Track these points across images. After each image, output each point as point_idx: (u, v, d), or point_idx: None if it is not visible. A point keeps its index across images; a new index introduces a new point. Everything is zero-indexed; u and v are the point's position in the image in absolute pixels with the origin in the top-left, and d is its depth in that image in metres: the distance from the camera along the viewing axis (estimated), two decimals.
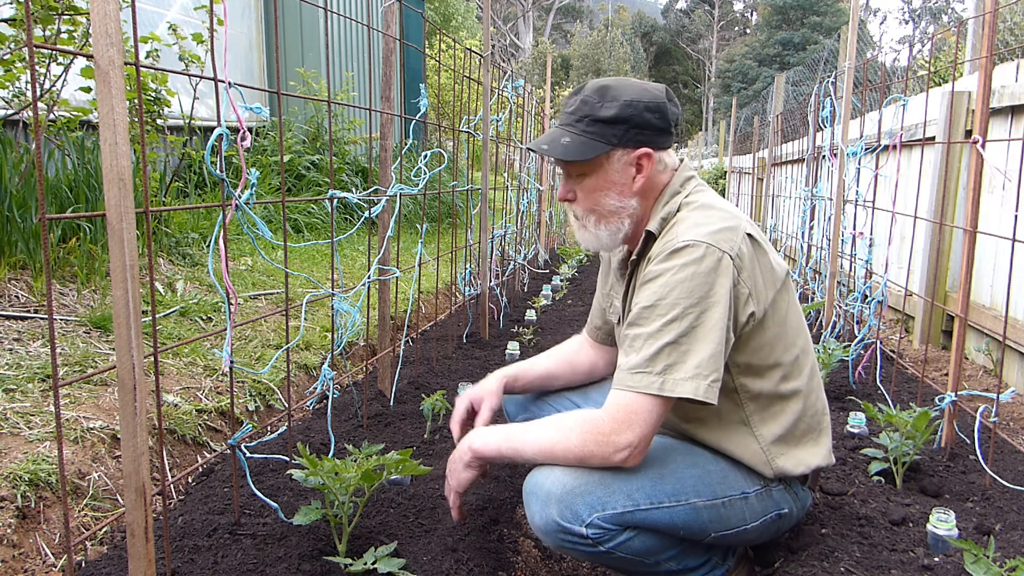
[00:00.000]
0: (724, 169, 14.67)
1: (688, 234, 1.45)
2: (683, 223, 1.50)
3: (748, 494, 1.55)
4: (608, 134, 1.53)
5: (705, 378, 1.39)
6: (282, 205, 1.80)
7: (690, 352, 1.40)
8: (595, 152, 1.53)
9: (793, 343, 1.57)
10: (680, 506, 1.47)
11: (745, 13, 50.71)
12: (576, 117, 1.56)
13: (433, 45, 10.21)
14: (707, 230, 1.45)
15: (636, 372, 1.42)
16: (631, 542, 1.44)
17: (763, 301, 1.51)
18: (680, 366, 1.39)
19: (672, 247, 1.45)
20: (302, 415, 2.70)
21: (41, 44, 1.26)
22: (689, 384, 1.38)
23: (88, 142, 3.63)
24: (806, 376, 1.60)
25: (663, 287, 1.43)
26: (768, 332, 1.53)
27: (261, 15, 7.32)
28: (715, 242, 1.43)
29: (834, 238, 3.67)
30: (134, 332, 1.21)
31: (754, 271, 1.49)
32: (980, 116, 2.18)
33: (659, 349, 1.40)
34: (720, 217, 1.50)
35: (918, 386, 2.86)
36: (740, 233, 1.48)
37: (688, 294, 1.41)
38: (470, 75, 3.75)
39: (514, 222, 5.21)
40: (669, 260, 1.44)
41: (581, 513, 1.40)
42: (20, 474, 1.76)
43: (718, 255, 1.42)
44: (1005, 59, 4.16)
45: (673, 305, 1.41)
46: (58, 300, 3.01)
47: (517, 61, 35.05)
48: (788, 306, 1.58)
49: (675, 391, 1.39)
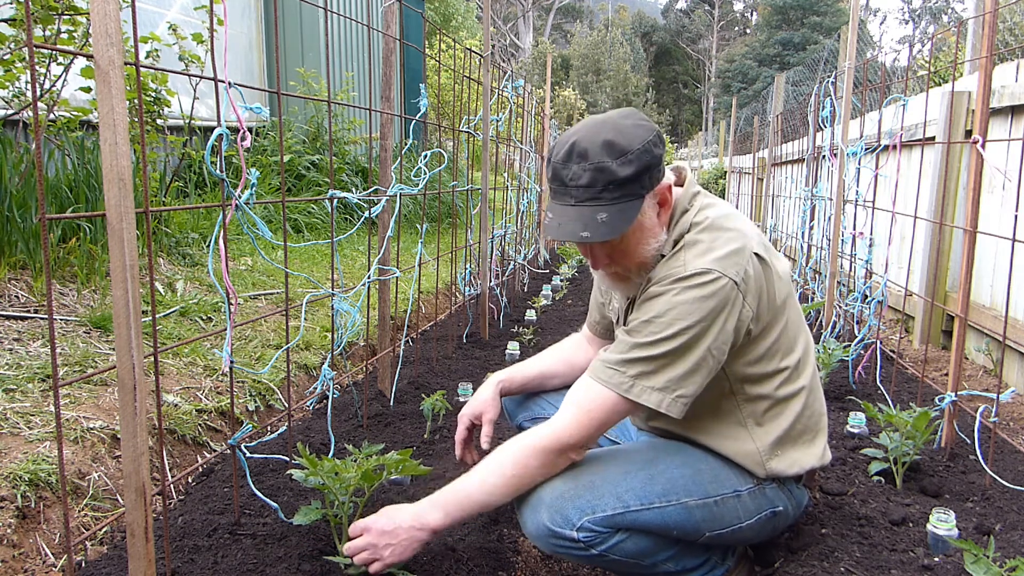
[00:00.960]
0: (724, 169, 14.67)
1: (695, 263, 1.44)
2: (691, 249, 1.48)
3: (741, 492, 1.55)
4: (636, 190, 1.44)
5: (672, 392, 1.42)
6: (282, 205, 1.81)
7: (668, 367, 1.42)
8: (635, 214, 1.44)
9: (792, 348, 1.57)
10: (671, 506, 1.47)
11: (745, 13, 50.71)
12: (599, 188, 1.42)
13: (433, 45, 10.21)
14: (714, 256, 1.44)
15: (610, 367, 1.45)
16: (624, 544, 1.44)
17: (765, 316, 1.51)
18: (653, 376, 1.42)
19: (678, 274, 1.44)
20: (302, 415, 2.70)
21: (41, 44, 1.26)
22: (655, 395, 1.42)
23: (88, 142, 3.63)
24: (806, 378, 1.60)
25: (664, 306, 1.43)
26: (769, 340, 1.53)
27: (261, 15, 7.32)
28: (722, 268, 1.42)
29: (834, 238, 3.67)
30: (134, 332, 1.21)
31: (760, 290, 1.49)
32: (980, 116, 2.18)
33: (641, 357, 1.42)
34: (727, 239, 1.47)
35: (918, 386, 2.86)
36: (747, 255, 1.46)
37: (685, 316, 1.41)
38: (470, 75, 3.75)
39: (514, 222, 5.21)
40: (674, 284, 1.44)
41: (571, 517, 1.41)
42: (20, 474, 1.76)
43: (722, 282, 1.42)
44: (1005, 59, 4.16)
45: (669, 324, 1.42)
46: (58, 300, 3.01)
47: (517, 61, 35.05)
48: (790, 310, 1.58)
49: (640, 397, 1.42)
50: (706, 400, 1.54)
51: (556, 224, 1.45)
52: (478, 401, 1.81)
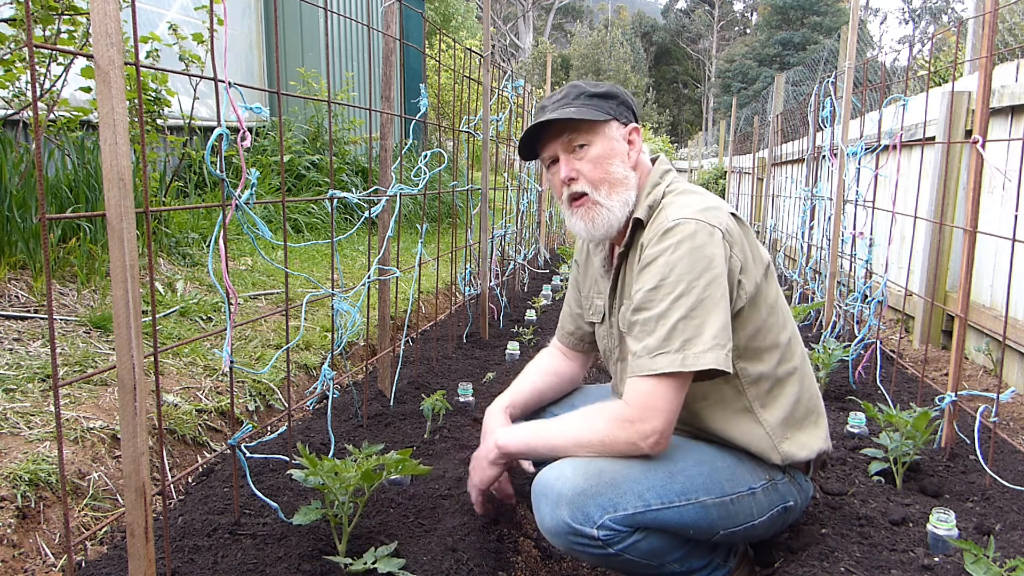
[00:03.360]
0: (724, 169, 14.66)
1: (677, 214, 1.49)
2: (670, 207, 1.54)
3: (755, 489, 1.56)
4: (604, 107, 1.61)
5: (723, 348, 1.41)
6: (282, 205, 1.80)
7: (704, 324, 1.42)
8: (600, 117, 1.58)
9: (784, 325, 1.61)
10: (690, 505, 1.47)
11: (745, 13, 50.70)
12: (572, 96, 1.61)
13: (433, 45, 10.21)
14: (694, 209, 1.50)
15: (656, 354, 1.43)
16: (640, 543, 1.44)
17: (754, 277, 1.54)
18: (697, 339, 1.41)
19: (664, 227, 1.48)
20: (302, 415, 2.70)
21: (41, 44, 1.26)
22: (710, 355, 1.40)
23: (88, 142, 3.63)
24: (799, 358, 1.63)
25: (664, 267, 1.45)
26: (762, 312, 1.55)
27: (261, 15, 7.32)
28: (705, 218, 1.47)
29: (834, 238, 3.67)
30: (134, 332, 1.21)
31: (744, 246, 1.53)
32: (980, 116, 2.18)
33: (673, 326, 1.42)
34: (703, 199, 1.55)
35: (918, 386, 2.86)
36: (725, 212, 1.53)
37: (690, 268, 1.43)
38: (470, 75, 3.75)
39: (514, 222, 5.21)
40: (663, 240, 1.47)
41: (592, 515, 1.40)
42: (20, 474, 1.76)
43: (709, 229, 1.46)
44: (1005, 59, 4.16)
45: (678, 281, 1.43)
46: (58, 300, 3.01)
47: (517, 61, 35.05)
48: (776, 290, 1.62)
49: (697, 364, 1.40)
50: (711, 388, 1.56)
51: (527, 129, 1.62)
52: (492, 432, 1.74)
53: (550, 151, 1.65)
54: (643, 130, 1.69)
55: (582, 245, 1.88)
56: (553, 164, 1.66)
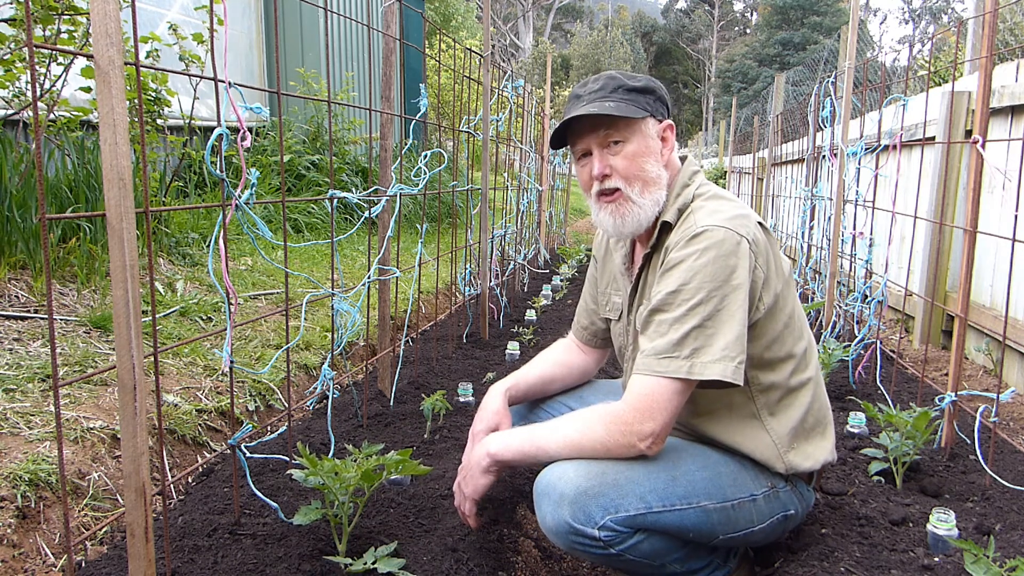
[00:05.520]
0: (724, 169, 14.66)
1: (706, 220, 1.48)
2: (699, 212, 1.53)
3: (756, 496, 1.55)
4: (642, 101, 1.58)
5: (732, 360, 1.40)
6: (282, 205, 1.80)
7: (716, 335, 1.41)
8: (638, 114, 1.55)
9: (801, 335, 1.60)
10: (691, 508, 1.47)
11: (745, 13, 50.70)
12: (609, 89, 1.57)
13: (433, 45, 10.21)
14: (723, 216, 1.48)
15: (663, 357, 1.42)
16: (641, 545, 1.44)
17: (774, 289, 1.53)
18: (707, 349, 1.40)
19: (692, 233, 1.47)
20: (302, 415, 2.70)
21: (41, 44, 1.26)
22: (717, 366, 1.39)
23: (88, 142, 3.63)
24: (812, 369, 1.62)
25: (687, 272, 1.44)
26: (779, 323, 1.54)
27: (261, 15, 7.32)
28: (733, 227, 1.46)
29: (834, 238, 3.67)
30: (134, 332, 1.21)
31: (768, 257, 1.52)
32: (980, 116, 2.18)
33: (686, 333, 1.41)
34: (732, 206, 1.53)
35: (918, 386, 2.86)
36: (753, 221, 1.52)
37: (711, 277, 1.42)
38: (470, 75, 3.75)
39: (514, 222, 5.21)
40: (690, 246, 1.46)
41: (594, 515, 1.40)
42: (20, 474, 1.76)
43: (736, 239, 1.44)
44: (1005, 59, 4.16)
45: (698, 289, 1.42)
46: (58, 300, 3.01)
47: (517, 61, 35.05)
48: (794, 300, 1.61)
49: (703, 374, 1.39)
50: (720, 393, 1.55)
51: (563, 120, 1.58)
52: (489, 412, 1.76)
53: (583, 144, 1.61)
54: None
55: (602, 240, 1.86)
56: (584, 156, 1.62)
